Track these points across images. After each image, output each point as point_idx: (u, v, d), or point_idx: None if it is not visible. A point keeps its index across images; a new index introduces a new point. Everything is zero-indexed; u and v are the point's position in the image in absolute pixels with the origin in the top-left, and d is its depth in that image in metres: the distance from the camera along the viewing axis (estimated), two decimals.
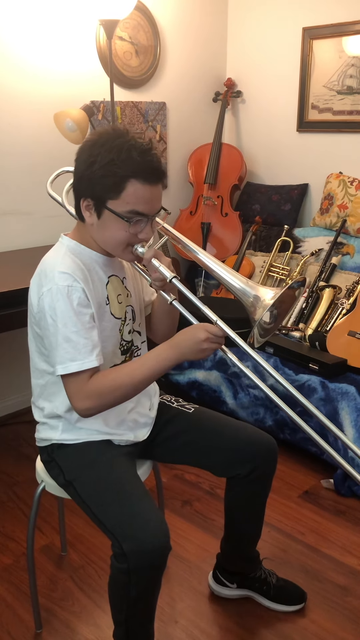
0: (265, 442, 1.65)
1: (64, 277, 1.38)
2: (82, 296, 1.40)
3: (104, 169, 1.34)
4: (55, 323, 1.38)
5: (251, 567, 1.83)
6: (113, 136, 1.36)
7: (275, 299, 1.38)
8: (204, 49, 3.60)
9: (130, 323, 1.58)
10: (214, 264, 1.51)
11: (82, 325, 1.39)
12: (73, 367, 1.37)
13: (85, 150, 1.38)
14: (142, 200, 1.37)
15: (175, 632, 1.75)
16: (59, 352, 1.38)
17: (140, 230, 1.41)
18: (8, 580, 1.95)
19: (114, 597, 1.43)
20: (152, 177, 1.36)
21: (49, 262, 1.44)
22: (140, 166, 1.34)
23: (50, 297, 1.38)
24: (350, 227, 3.06)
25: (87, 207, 1.41)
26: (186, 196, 3.70)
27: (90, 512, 1.44)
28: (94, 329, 1.42)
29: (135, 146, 1.35)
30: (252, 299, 1.42)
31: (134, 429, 1.60)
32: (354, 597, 1.88)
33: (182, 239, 1.56)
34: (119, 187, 1.35)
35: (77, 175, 1.41)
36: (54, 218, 2.76)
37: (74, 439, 1.54)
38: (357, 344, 2.56)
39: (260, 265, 3.30)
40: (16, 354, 2.93)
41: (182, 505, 2.33)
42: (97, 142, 1.36)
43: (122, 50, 3.13)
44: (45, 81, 2.83)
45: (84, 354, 1.38)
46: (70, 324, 1.37)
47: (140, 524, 1.33)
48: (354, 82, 3.15)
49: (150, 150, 1.37)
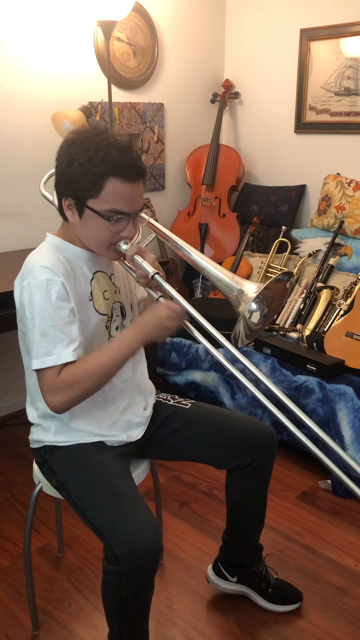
0: (263, 431, 1.66)
1: (44, 272, 1.38)
2: (62, 290, 1.39)
3: (83, 167, 1.34)
4: (33, 317, 1.37)
5: (255, 558, 1.82)
6: (92, 134, 1.36)
7: (259, 291, 1.37)
8: (202, 50, 3.61)
9: (119, 319, 1.58)
10: (199, 259, 1.51)
11: (60, 319, 1.38)
12: (49, 362, 1.37)
13: (64, 149, 1.38)
14: (121, 199, 1.36)
15: (172, 633, 1.75)
16: (34, 347, 1.38)
17: (123, 228, 1.40)
18: (5, 581, 1.95)
19: (107, 599, 1.43)
20: (131, 174, 1.36)
21: (32, 259, 1.44)
22: (119, 164, 1.33)
23: (29, 291, 1.38)
24: (348, 228, 3.06)
25: (68, 206, 1.41)
26: (184, 197, 3.70)
27: (83, 514, 1.44)
28: (74, 324, 1.41)
29: (113, 144, 1.34)
30: (236, 293, 1.41)
31: (127, 429, 1.59)
32: (351, 598, 1.88)
33: (169, 235, 1.55)
34: (98, 186, 1.34)
35: (57, 174, 1.41)
36: (50, 219, 2.74)
37: (66, 441, 1.53)
38: (354, 345, 2.56)
39: (258, 267, 3.30)
40: (13, 355, 2.91)
41: (179, 506, 2.33)
42: (76, 140, 1.36)
43: (120, 52, 3.13)
44: (43, 82, 2.83)
45: (60, 349, 1.37)
46: (47, 318, 1.37)
47: (131, 526, 1.33)
48: (352, 83, 3.16)
49: (129, 148, 1.36)
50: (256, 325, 1.46)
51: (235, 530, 1.80)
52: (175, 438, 1.67)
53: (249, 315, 1.42)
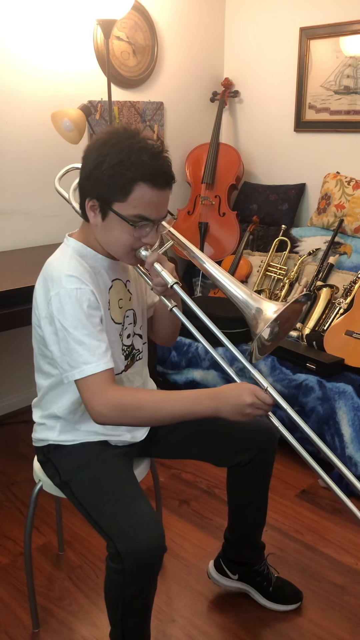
0: (263, 428, 1.65)
1: (72, 280, 1.35)
2: (92, 298, 1.37)
3: (113, 169, 1.30)
4: (65, 328, 1.34)
5: (257, 556, 1.82)
6: (124, 136, 1.32)
7: (279, 313, 1.33)
8: (202, 48, 3.60)
9: (130, 327, 1.57)
10: (219, 274, 1.46)
11: (94, 327, 1.35)
12: (89, 370, 1.33)
13: (95, 149, 1.34)
14: (149, 205, 1.34)
15: (172, 631, 1.76)
16: (72, 356, 1.34)
17: (146, 234, 1.38)
18: (5, 579, 1.95)
19: (109, 597, 1.43)
20: (161, 181, 1.33)
21: (55, 266, 1.40)
22: (150, 170, 1.30)
23: (59, 301, 1.34)
24: (348, 227, 3.07)
25: (92, 207, 1.38)
26: (184, 196, 3.70)
27: (86, 512, 1.44)
28: (104, 332, 1.39)
29: (146, 148, 1.31)
30: (254, 312, 1.37)
31: (131, 430, 1.59)
32: (351, 596, 1.88)
33: (188, 245, 1.51)
34: (127, 190, 1.31)
35: (84, 173, 1.37)
36: (52, 218, 2.77)
37: (71, 440, 1.53)
38: (354, 344, 2.56)
39: (258, 265, 3.30)
40: (15, 354, 2.93)
41: (179, 504, 2.33)
42: (108, 141, 1.32)
43: (120, 50, 3.13)
44: (43, 81, 2.82)
45: (98, 356, 1.34)
46: (81, 327, 1.34)
47: (135, 524, 1.33)
48: (351, 82, 3.16)
49: (161, 154, 1.33)
50: (268, 342, 1.43)
51: (236, 528, 1.80)
52: (176, 436, 1.67)
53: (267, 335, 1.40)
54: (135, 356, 1.61)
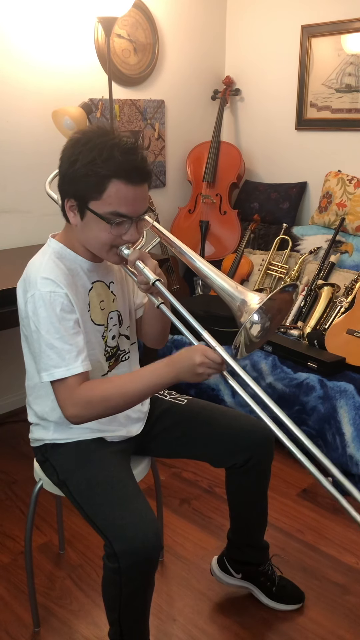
0: (259, 429, 1.63)
1: (46, 283, 1.36)
2: (66, 302, 1.37)
3: (86, 168, 1.30)
4: (38, 330, 1.35)
5: (261, 557, 1.82)
6: (97, 134, 1.33)
7: (263, 302, 1.32)
8: (203, 46, 3.60)
9: (115, 328, 1.56)
10: (203, 266, 1.46)
11: (66, 331, 1.36)
12: (58, 374, 1.35)
13: (68, 148, 1.35)
14: (124, 201, 1.33)
15: (173, 630, 1.75)
16: (42, 359, 1.36)
17: (125, 232, 1.37)
18: (6, 578, 1.95)
19: (107, 596, 1.43)
20: (135, 177, 1.32)
21: (33, 267, 1.41)
22: (122, 166, 1.30)
23: (33, 303, 1.36)
24: (349, 226, 3.06)
25: (70, 207, 1.38)
26: (185, 194, 3.70)
27: (83, 511, 1.44)
28: (79, 335, 1.39)
29: (118, 145, 1.30)
30: (239, 303, 1.37)
31: (126, 425, 1.59)
32: (352, 595, 1.88)
33: (173, 240, 1.50)
34: (101, 187, 1.31)
35: (60, 174, 1.38)
36: (51, 216, 2.76)
37: (66, 438, 1.53)
38: (355, 342, 2.56)
39: (259, 264, 3.29)
40: (13, 353, 2.92)
41: (180, 503, 2.33)
42: (80, 140, 1.33)
43: (121, 48, 3.12)
44: (44, 79, 2.82)
45: (69, 360, 1.35)
46: (53, 330, 1.35)
47: (131, 523, 1.33)
48: (353, 80, 3.15)
49: (134, 150, 1.32)
50: (257, 338, 1.41)
51: (238, 528, 1.80)
52: (171, 434, 1.67)
53: (250, 326, 1.37)
54: (120, 357, 1.60)
